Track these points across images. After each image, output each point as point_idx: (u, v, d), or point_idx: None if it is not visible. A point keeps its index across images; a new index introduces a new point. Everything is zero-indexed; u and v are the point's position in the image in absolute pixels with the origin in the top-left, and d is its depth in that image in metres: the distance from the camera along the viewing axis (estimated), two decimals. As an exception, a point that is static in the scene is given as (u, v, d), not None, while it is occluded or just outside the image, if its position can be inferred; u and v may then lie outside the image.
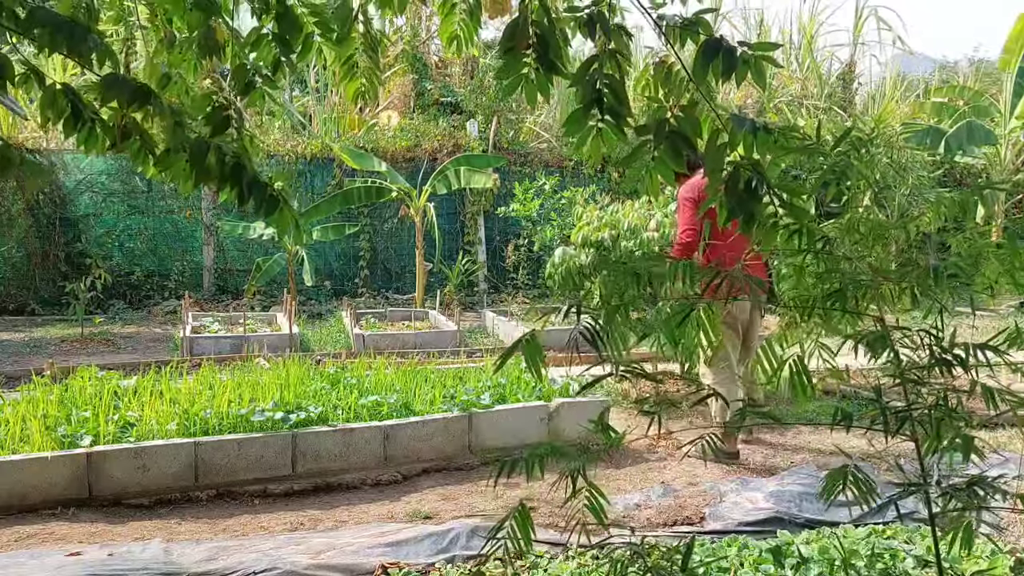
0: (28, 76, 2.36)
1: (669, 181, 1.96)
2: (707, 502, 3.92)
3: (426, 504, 4.00)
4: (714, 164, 1.77)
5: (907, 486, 1.61)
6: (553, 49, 2.02)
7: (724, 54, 1.82)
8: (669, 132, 1.83)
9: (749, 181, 1.70)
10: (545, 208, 10.84)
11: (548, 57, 2.02)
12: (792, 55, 18.36)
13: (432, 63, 15.61)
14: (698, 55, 1.85)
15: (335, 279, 12.29)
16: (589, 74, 1.92)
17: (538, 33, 2.00)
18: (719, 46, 1.83)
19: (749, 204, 1.71)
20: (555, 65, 2.03)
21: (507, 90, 2.08)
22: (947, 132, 12.07)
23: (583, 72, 1.93)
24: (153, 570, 3.04)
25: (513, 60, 2.04)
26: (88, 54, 2.18)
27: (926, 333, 1.62)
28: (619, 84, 1.94)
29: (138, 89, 2.25)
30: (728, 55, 1.82)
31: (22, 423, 4.15)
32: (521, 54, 2.02)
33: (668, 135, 1.83)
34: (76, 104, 2.32)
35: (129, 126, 2.41)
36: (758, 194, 1.70)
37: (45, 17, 2.09)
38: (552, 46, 2.02)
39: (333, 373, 5.27)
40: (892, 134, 10.59)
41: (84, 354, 8.08)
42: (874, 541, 3.21)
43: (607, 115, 1.94)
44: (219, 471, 4.12)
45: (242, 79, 2.61)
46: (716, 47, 1.83)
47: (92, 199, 11.46)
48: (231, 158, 2.39)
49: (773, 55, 1.86)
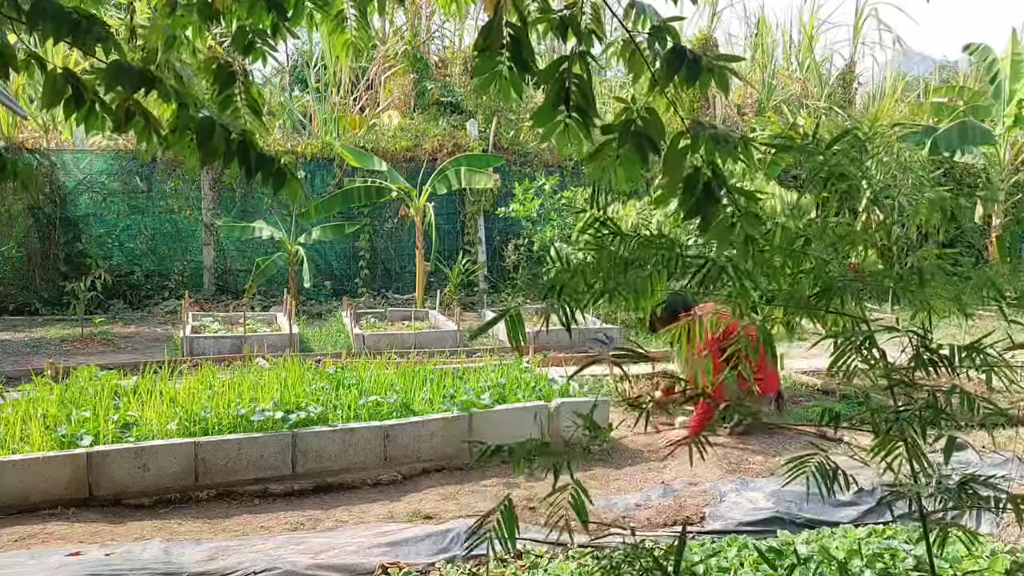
0: (30, 62, 2.40)
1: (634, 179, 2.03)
2: (707, 502, 3.92)
3: (426, 504, 4.00)
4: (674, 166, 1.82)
5: (897, 487, 1.61)
6: (526, 49, 2.11)
7: (688, 63, 1.91)
8: (634, 132, 1.91)
9: (708, 183, 1.75)
10: (545, 208, 10.84)
11: (521, 56, 2.11)
12: (792, 55, 18.36)
13: (432, 63, 15.61)
14: (663, 63, 1.94)
15: (335, 279, 12.29)
16: (559, 72, 2.01)
17: (511, 34, 2.09)
18: (684, 55, 1.92)
19: (707, 206, 1.75)
20: (527, 64, 2.12)
21: (481, 86, 2.17)
22: (943, 132, 12.08)
23: (553, 70, 2.03)
24: (153, 570, 3.05)
25: (488, 59, 2.13)
26: (93, 44, 2.23)
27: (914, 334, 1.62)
28: (587, 84, 2.03)
29: (142, 75, 2.30)
30: (692, 64, 1.91)
31: (22, 423, 4.16)
32: (496, 53, 2.11)
33: (633, 135, 1.91)
34: (77, 87, 2.37)
35: (132, 108, 2.45)
36: (716, 196, 1.74)
37: (50, 9, 2.12)
38: (526, 46, 2.11)
39: (333, 373, 5.27)
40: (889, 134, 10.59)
41: (84, 354, 8.08)
42: (874, 541, 3.21)
43: (574, 112, 2.03)
44: (219, 471, 4.12)
45: (242, 40, 2.70)
46: (681, 56, 1.92)
47: (92, 199, 11.46)
48: (237, 135, 2.44)
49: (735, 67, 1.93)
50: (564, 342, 8.29)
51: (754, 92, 16.40)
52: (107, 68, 2.27)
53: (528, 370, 5.58)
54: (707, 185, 1.76)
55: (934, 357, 1.58)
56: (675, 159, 1.81)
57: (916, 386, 1.61)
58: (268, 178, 2.57)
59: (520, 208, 10.74)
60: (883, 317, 2.57)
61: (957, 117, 12.66)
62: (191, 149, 2.50)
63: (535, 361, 6.20)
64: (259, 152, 2.52)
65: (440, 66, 16.04)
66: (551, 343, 8.15)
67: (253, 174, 2.52)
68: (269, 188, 2.63)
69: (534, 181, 11.17)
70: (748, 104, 16.09)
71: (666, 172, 1.82)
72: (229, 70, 2.62)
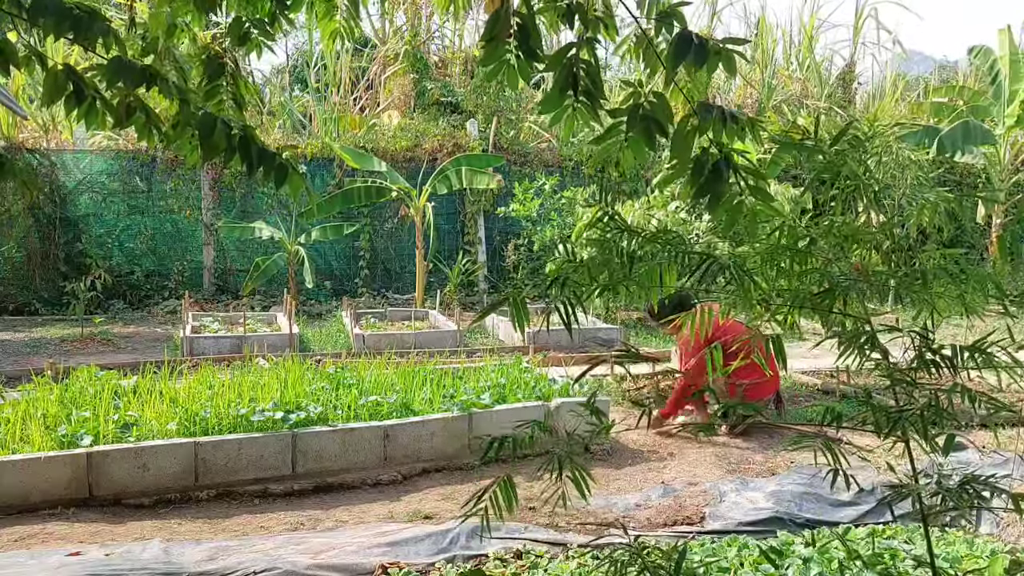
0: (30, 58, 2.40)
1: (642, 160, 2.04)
2: (707, 502, 3.92)
3: (426, 504, 4.00)
4: (682, 148, 1.84)
5: (898, 487, 1.61)
6: (534, 37, 2.12)
7: (696, 47, 1.93)
8: (643, 116, 1.93)
9: (716, 163, 1.76)
10: (545, 208, 10.84)
11: (528, 45, 2.12)
12: (792, 55, 18.36)
13: (432, 63, 15.61)
14: (671, 47, 1.95)
15: (335, 279, 12.29)
16: (566, 59, 2.03)
17: (519, 23, 2.10)
18: (691, 39, 1.94)
19: (715, 185, 1.77)
20: (535, 52, 2.13)
21: (489, 76, 2.18)
22: (944, 132, 12.09)
23: (560, 56, 2.04)
24: (153, 570, 3.04)
25: (495, 48, 2.14)
26: (94, 39, 2.23)
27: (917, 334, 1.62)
28: (594, 69, 2.05)
29: (143, 72, 2.29)
30: (699, 48, 1.93)
31: (22, 423, 4.15)
32: (503, 42, 2.12)
33: (642, 118, 1.93)
34: (77, 83, 2.38)
35: (133, 104, 2.45)
36: (724, 175, 1.76)
37: (51, 5, 2.12)
38: (533, 34, 2.11)
39: (333, 373, 5.27)
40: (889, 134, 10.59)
41: (84, 354, 8.08)
42: (874, 541, 3.21)
43: (582, 97, 2.05)
44: (219, 471, 4.12)
45: (237, 30, 2.70)
46: (688, 40, 1.94)
47: (92, 199, 11.46)
48: (238, 131, 2.44)
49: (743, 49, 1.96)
50: (564, 342, 8.29)
51: (754, 92, 16.41)
52: (108, 64, 2.27)
53: (528, 370, 5.58)
54: (715, 165, 1.78)
55: (936, 358, 1.58)
56: (683, 141, 1.82)
57: (918, 385, 1.61)
58: (270, 173, 2.56)
59: (520, 208, 10.74)
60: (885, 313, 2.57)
61: (957, 117, 12.66)
62: (192, 145, 2.51)
63: (535, 361, 6.20)
64: (260, 147, 2.51)
65: (440, 66, 16.04)
66: (551, 343, 8.15)
67: (255, 169, 2.51)
68: (271, 185, 2.63)
69: (534, 181, 11.17)
70: (748, 104, 16.10)
71: (675, 154, 1.84)
72: (219, 61, 2.63)
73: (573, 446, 1.66)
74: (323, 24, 2.96)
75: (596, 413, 1.73)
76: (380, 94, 15.57)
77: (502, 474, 1.69)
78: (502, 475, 1.67)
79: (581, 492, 1.64)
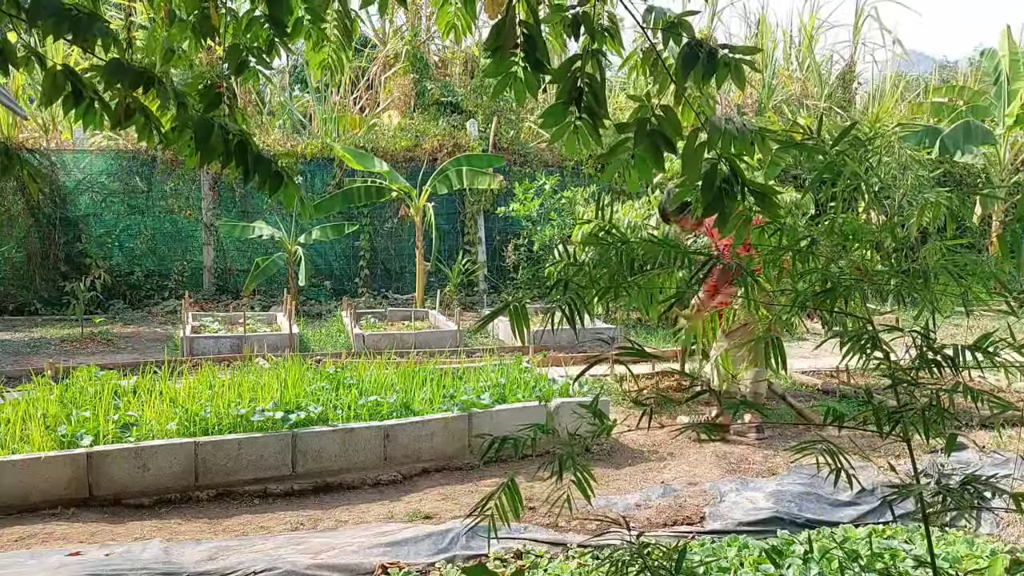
0: (29, 58, 2.41)
1: (648, 180, 2.01)
2: (707, 502, 3.92)
3: (426, 504, 4.00)
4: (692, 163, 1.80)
5: (899, 487, 1.61)
6: (540, 48, 2.06)
7: (705, 58, 1.87)
8: (650, 131, 1.86)
9: (725, 179, 1.73)
10: (545, 208, 10.84)
11: (535, 56, 2.07)
12: (792, 55, 18.36)
13: (432, 63, 15.61)
14: (679, 60, 1.90)
15: (335, 279, 12.30)
16: (571, 71, 1.98)
17: (525, 33, 2.05)
18: (699, 50, 1.88)
19: (724, 201, 1.74)
20: (542, 64, 2.08)
21: (496, 91, 2.13)
22: (944, 132, 12.10)
23: (566, 68, 1.99)
24: (153, 570, 3.04)
25: (501, 60, 2.09)
26: (93, 40, 2.23)
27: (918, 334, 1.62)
28: (599, 85, 1.99)
29: (141, 74, 2.30)
30: (709, 59, 1.87)
31: (22, 423, 4.15)
32: (509, 54, 2.07)
33: (649, 134, 1.86)
34: (76, 84, 2.38)
35: (132, 106, 2.46)
36: (733, 191, 1.73)
37: (50, 6, 2.12)
38: (539, 45, 2.06)
39: (333, 373, 5.27)
40: (889, 134, 10.60)
41: (84, 354, 8.08)
42: (874, 541, 3.21)
43: (584, 113, 2.00)
44: (219, 471, 4.12)
45: (235, 58, 2.69)
46: (696, 51, 1.88)
47: (92, 199, 11.46)
48: (235, 136, 2.44)
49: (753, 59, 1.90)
50: (564, 342, 8.29)
51: (754, 92, 16.40)
52: (106, 65, 2.27)
53: (528, 370, 5.58)
54: (725, 181, 1.74)
55: (937, 358, 1.58)
56: (693, 157, 1.78)
57: (919, 385, 1.61)
58: (265, 180, 2.57)
59: (520, 208, 10.74)
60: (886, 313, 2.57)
61: (958, 117, 12.67)
62: (191, 148, 2.51)
63: (535, 361, 6.20)
64: (257, 153, 2.51)
65: (440, 66, 16.04)
66: (551, 343, 8.15)
67: (251, 175, 2.52)
68: (266, 191, 2.63)
69: (534, 181, 11.17)
70: (748, 104, 16.09)
71: (685, 170, 1.81)
72: (216, 91, 2.62)
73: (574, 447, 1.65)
74: (311, 55, 2.97)
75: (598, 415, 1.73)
76: (380, 94, 15.57)
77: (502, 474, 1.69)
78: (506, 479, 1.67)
79: (585, 493, 1.64)
